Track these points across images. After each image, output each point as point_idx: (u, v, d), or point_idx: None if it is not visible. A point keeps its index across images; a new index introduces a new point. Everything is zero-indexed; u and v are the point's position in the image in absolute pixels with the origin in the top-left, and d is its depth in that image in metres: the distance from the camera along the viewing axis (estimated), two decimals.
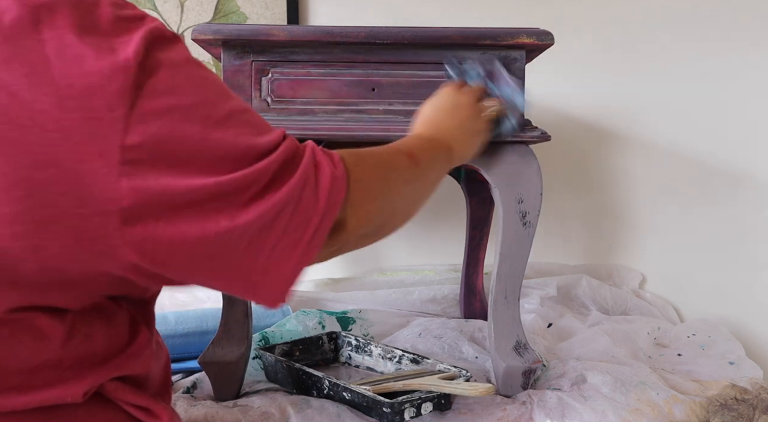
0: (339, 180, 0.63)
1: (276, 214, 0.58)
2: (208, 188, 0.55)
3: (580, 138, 1.71)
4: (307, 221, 0.60)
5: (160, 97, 0.54)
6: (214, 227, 0.56)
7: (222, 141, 0.57)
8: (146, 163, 0.53)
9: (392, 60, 1.06)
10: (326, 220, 0.62)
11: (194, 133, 0.55)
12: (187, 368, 1.17)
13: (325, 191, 0.62)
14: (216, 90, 0.60)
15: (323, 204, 0.61)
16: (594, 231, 1.74)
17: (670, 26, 1.69)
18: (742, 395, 1.13)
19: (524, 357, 1.07)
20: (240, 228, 0.56)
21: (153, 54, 0.55)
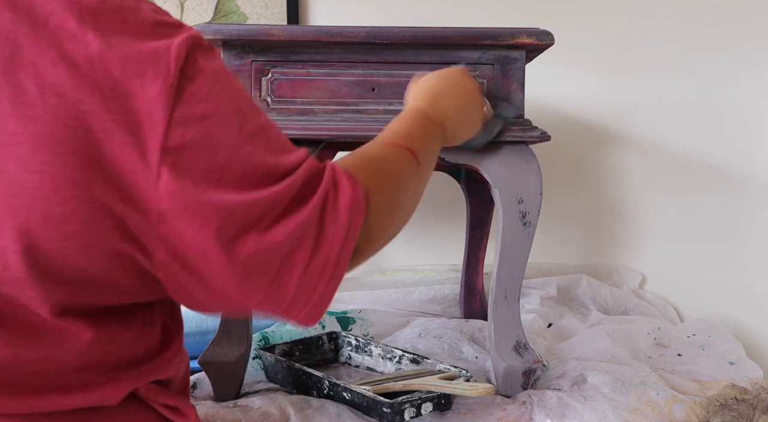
0: (358, 201, 0.63)
1: (301, 236, 0.59)
2: (237, 206, 0.56)
3: (580, 138, 1.71)
4: (332, 240, 0.61)
5: (200, 103, 0.55)
6: (242, 249, 0.56)
7: (252, 155, 0.58)
8: (184, 166, 0.54)
9: (392, 60, 1.06)
10: (350, 239, 0.62)
11: (229, 141, 0.57)
12: None
13: (346, 210, 0.62)
14: (248, 103, 0.61)
15: (345, 223, 0.62)
16: (594, 231, 1.74)
17: (670, 26, 1.69)
18: (742, 395, 1.13)
19: (524, 357, 1.07)
20: (266, 251, 0.57)
21: (194, 60, 0.56)
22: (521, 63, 1.07)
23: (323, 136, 1.04)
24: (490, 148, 1.05)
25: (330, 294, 0.62)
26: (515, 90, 1.07)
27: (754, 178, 1.71)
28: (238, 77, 1.04)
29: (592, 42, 1.69)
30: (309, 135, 1.04)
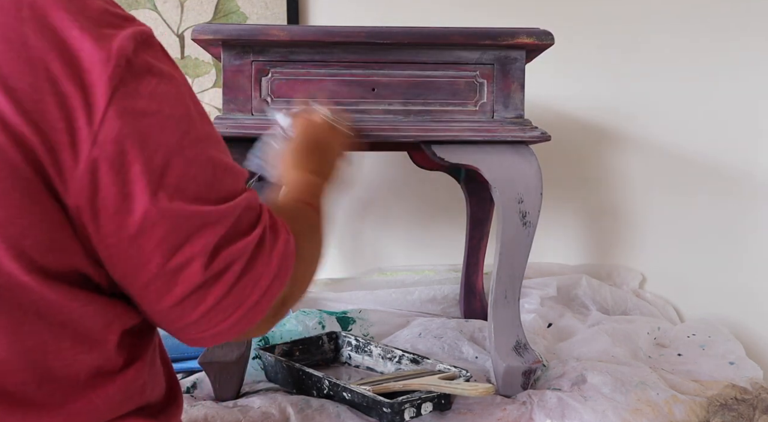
0: (291, 246, 0.62)
1: (226, 267, 0.56)
2: (174, 211, 0.54)
3: (580, 138, 1.71)
4: (255, 283, 0.58)
5: (143, 100, 0.53)
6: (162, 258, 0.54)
7: (197, 160, 0.56)
8: (115, 163, 0.52)
9: (392, 60, 1.06)
10: (276, 285, 0.60)
11: (172, 143, 0.54)
12: (187, 368, 1.17)
13: (279, 255, 0.60)
14: (198, 111, 0.59)
15: (275, 268, 0.59)
16: (594, 231, 1.74)
17: (670, 26, 1.69)
18: (742, 395, 1.13)
19: (524, 357, 1.07)
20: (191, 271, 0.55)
21: (142, 55, 0.54)
22: (521, 63, 1.07)
23: None
24: (489, 148, 1.05)
25: (233, 334, 0.60)
26: (515, 90, 1.07)
27: (754, 178, 1.71)
28: (238, 77, 1.04)
29: (592, 42, 1.69)
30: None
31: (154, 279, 0.55)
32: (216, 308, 0.57)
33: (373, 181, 1.71)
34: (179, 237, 0.54)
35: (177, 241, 0.54)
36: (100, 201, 0.52)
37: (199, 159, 0.56)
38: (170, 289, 0.56)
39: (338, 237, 1.72)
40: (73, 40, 0.51)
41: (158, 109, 0.54)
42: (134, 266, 0.55)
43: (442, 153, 1.06)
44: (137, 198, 0.53)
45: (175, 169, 0.54)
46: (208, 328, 0.59)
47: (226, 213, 0.57)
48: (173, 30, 1.66)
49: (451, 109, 1.06)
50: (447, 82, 1.06)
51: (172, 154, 0.54)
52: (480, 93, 1.07)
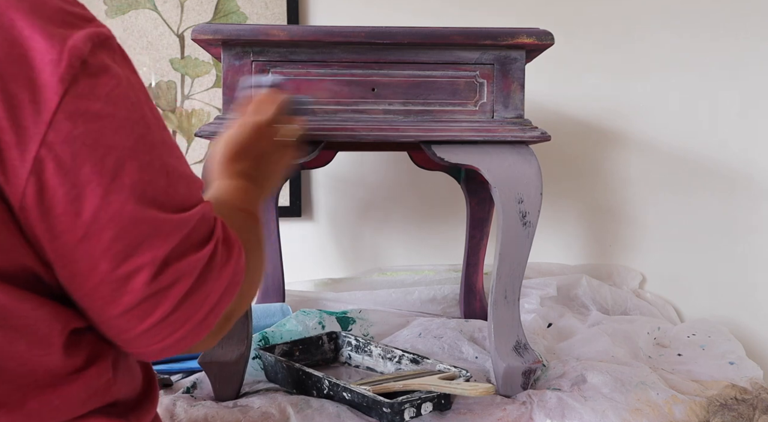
0: (242, 261, 0.61)
1: (175, 281, 0.55)
2: (126, 214, 0.52)
3: (580, 138, 1.71)
4: (205, 298, 0.57)
5: (98, 102, 0.52)
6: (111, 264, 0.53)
7: (151, 165, 0.55)
8: (64, 164, 0.50)
9: (392, 60, 1.06)
10: (224, 299, 0.59)
11: (124, 147, 0.53)
12: (187, 368, 1.17)
13: (231, 270, 0.59)
14: (155, 117, 0.58)
15: (225, 282, 0.58)
16: (594, 231, 1.75)
17: (670, 26, 1.69)
18: (742, 395, 1.13)
19: (524, 357, 1.07)
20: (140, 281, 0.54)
21: (99, 56, 0.53)
22: (521, 63, 1.07)
23: (323, 136, 1.04)
24: (489, 148, 1.05)
25: (181, 348, 0.58)
26: (515, 90, 1.07)
27: (753, 178, 1.71)
28: (238, 77, 1.04)
29: (591, 42, 1.69)
30: (309, 135, 1.04)
31: (99, 285, 0.54)
32: (163, 323, 0.56)
33: (373, 181, 1.71)
34: (129, 243, 0.53)
35: (126, 247, 0.53)
36: (46, 201, 0.51)
37: (154, 164, 0.55)
38: (116, 298, 0.54)
39: (338, 237, 1.72)
40: (25, 38, 0.50)
41: (113, 112, 0.53)
42: (81, 270, 0.53)
43: (442, 153, 1.06)
44: (87, 199, 0.51)
45: (128, 172, 0.53)
46: (154, 342, 0.57)
47: (179, 224, 0.56)
48: (173, 30, 1.66)
49: (451, 109, 1.06)
50: (447, 82, 1.06)
51: (126, 158, 0.53)
52: (480, 93, 1.07)
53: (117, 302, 0.54)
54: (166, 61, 1.66)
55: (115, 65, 0.55)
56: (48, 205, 0.51)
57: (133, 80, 0.57)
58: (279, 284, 1.53)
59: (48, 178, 0.50)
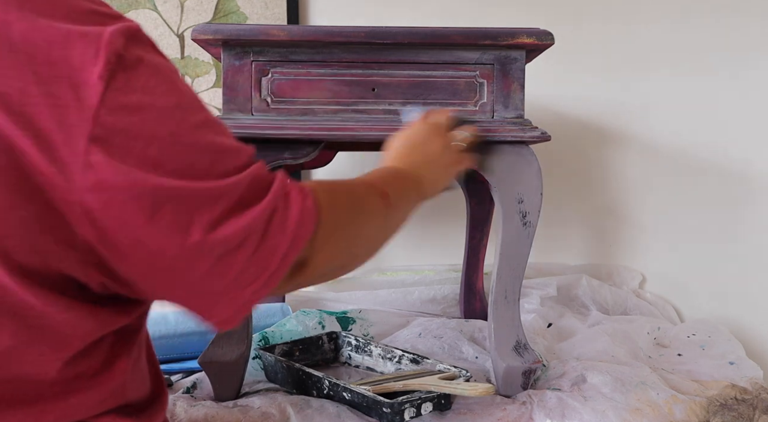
0: (308, 214, 0.62)
1: (244, 238, 0.57)
2: (177, 190, 0.54)
3: (580, 138, 1.71)
4: (273, 251, 0.59)
5: (135, 94, 0.54)
6: (178, 238, 0.54)
7: (193, 146, 0.56)
8: (115, 156, 0.52)
9: (392, 60, 1.06)
10: (291, 253, 0.60)
11: (166, 134, 0.55)
12: (187, 368, 1.17)
13: (293, 223, 0.60)
14: (191, 99, 0.59)
15: (290, 236, 0.60)
16: (594, 231, 1.74)
17: (670, 26, 1.69)
18: (742, 395, 1.13)
19: (524, 357, 1.07)
20: (208, 245, 0.55)
21: (132, 49, 0.55)
22: (521, 63, 1.07)
23: (323, 136, 1.04)
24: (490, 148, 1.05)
25: (256, 299, 0.61)
26: (515, 90, 1.07)
27: (754, 178, 1.71)
28: (238, 77, 1.04)
29: (591, 42, 1.69)
30: (309, 135, 1.04)
31: (176, 258, 0.55)
32: (237, 280, 0.58)
33: None
34: (188, 214, 0.55)
35: (188, 219, 0.55)
36: (107, 190, 0.52)
37: (198, 144, 0.57)
38: (192, 266, 0.56)
39: None
40: (61, 40, 0.52)
41: (151, 102, 0.55)
42: (154, 249, 0.55)
43: None
44: (140, 183, 0.53)
45: (174, 156, 0.55)
46: (230, 304, 0.59)
47: (234, 185, 0.57)
48: (173, 30, 1.66)
49: (451, 109, 1.06)
50: (447, 82, 1.06)
51: (168, 144, 0.55)
52: (480, 93, 1.07)
53: (194, 269, 0.56)
54: None
55: (147, 55, 0.56)
56: (109, 193, 0.52)
57: (165, 67, 0.58)
58: None
59: (103, 169, 0.52)
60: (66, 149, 0.51)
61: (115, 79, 0.53)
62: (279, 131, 1.03)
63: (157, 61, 0.57)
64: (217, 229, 0.56)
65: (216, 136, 0.59)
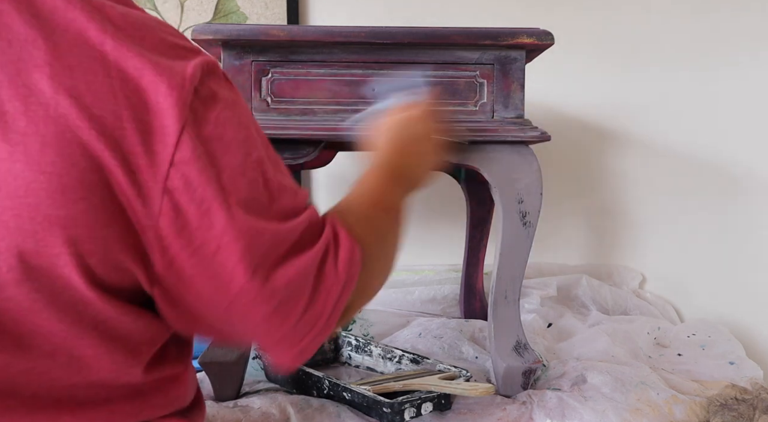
0: (356, 254, 0.64)
1: (303, 281, 0.59)
2: (244, 226, 0.56)
3: (580, 138, 1.71)
4: (328, 294, 0.61)
5: (209, 126, 0.56)
6: (245, 276, 0.56)
7: (257, 181, 0.59)
8: (191, 183, 0.54)
9: (392, 60, 1.06)
10: (345, 293, 0.63)
11: (234, 165, 0.57)
12: None
13: (345, 263, 0.63)
14: (258, 135, 0.62)
15: (343, 278, 0.62)
16: (594, 231, 1.74)
17: (670, 26, 1.69)
18: (742, 395, 1.13)
19: (524, 357, 1.07)
20: (271, 288, 0.57)
21: (208, 84, 0.57)
22: (521, 63, 1.07)
23: (323, 136, 1.04)
24: (489, 148, 1.05)
25: (316, 345, 0.63)
26: (515, 90, 1.07)
27: (754, 178, 1.71)
28: (238, 77, 1.04)
29: (592, 42, 1.69)
30: (309, 135, 1.04)
31: (240, 294, 0.57)
32: (299, 324, 0.60)
33: None
34: (256, 252, 0.57)
35: (255, 257, 0.57)
36: (182, 217, 0.55)
37: (262, 179, 0.59)
38: (254, 307, 0.58)
39: None
40: (151, 70, 0.54)
41: (222, 134, 0.57)
42: (222, 281, 0.57)
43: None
44: (215, 214, 0.55)
45: (241, 188, 0.57)
46: (292, 346, 0.62)
47: (290, 231, 0.60)
48: None
49: (451, 109, 1.06)
50: (447, 82, 1.06)
51: (237, 175, 0.57)
52: (480, 93, 1.07)
53: (256, 311, 0.58)
54: None
55: (220, 89, 0.59)
56: (183, 220, 0.55)
57: (237, 101, 0.61)
58: None
59: (179, 196, 0.54)
60: (148, 173, 0.53)
61: (193, 111, 0.55)
62: (279, 131, 1.03)
63: (230, 96, 0.60)
64: (278, 271, 0.58)
65: (278, 173, 0.62)
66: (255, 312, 0.58)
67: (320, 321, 0.61)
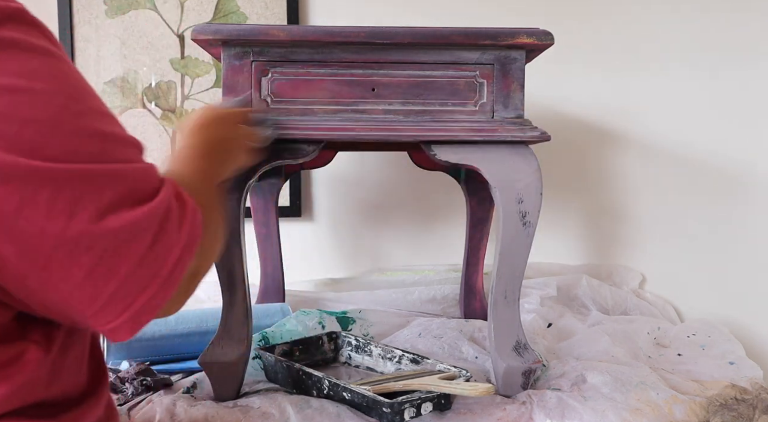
0: (198, 217, 0.60)
1: (135, 233, 0.54)
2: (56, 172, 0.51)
3: (580, 138, 1.71)
4: (168, 252, 0.56)
5: (5, 76, 0.51)
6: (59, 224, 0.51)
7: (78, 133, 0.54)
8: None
9: (392, 60, 1.06)
10: (186, 256, 0.57)
11: (45, 119, 0.52)
12: (187, 368, 1.17)
13: (188, 225, 0.58)
14: (78, 87, 0.57)
15: (185, 238, 0.57)
16: (594, 231, 1.75)
17: (670, 26, 1.69)
18: (742, 395, 1.13)
19: (524, 357, 1.07)
20: (93, 235, 0.52)
21: (4, 31, 0.52)
22: (521, 63, 1.07)
23: (323, 136, 1.04)
24: (489, 148, 1.05)
25: (153, 310, 0.56)
26: (515, 90, 1.07)
27: (754, 177, 1.71)
28: (238, 77, 1.04)
29: (592, 42, 1.69)
30: (309, 135, 1.04)
31: (55, 250, 0.52)
32: (131, 279, 0.54)
33: (373, 181, 1.71)
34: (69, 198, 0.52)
35: (69, 203, 0.52)
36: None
37: (83, 131, 0.54)
38: (75, 259, 0.52)
39: (338, 237, 1.72)
40: None
41: (28, 86, 0.52)
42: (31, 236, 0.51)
43: (441, 153, 1.06)
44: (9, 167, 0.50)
45: (54, 142, 0.52)
46: (126, 305, 0.55)
47: (115, 174, 0.54)
48: (173, 30, 1.66)
49: (451, 109, 1.06)
50: (447, 82, 1.06)
51: (48, 129, 0.52)
52: (480, 93, 1.07)
53: (78, 263, 0.52)
54: (166, 61, 1.66)
55: (27, 37, 0.54)
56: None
57: (51, 51, 0.56)
58: (279, 284, 1.53)
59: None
60: None
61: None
62: (279, 131, 1.03)
63: (41, 44, 0.55)
64: (105, 219, 0.52)
65: (105, 125, 0.57)
66: (77, 263, 0.52)
67: (156, 280, 0.55)
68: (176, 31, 1.66)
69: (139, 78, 1.65)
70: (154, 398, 1.02)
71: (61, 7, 1.63)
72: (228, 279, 1.05)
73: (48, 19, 1.64)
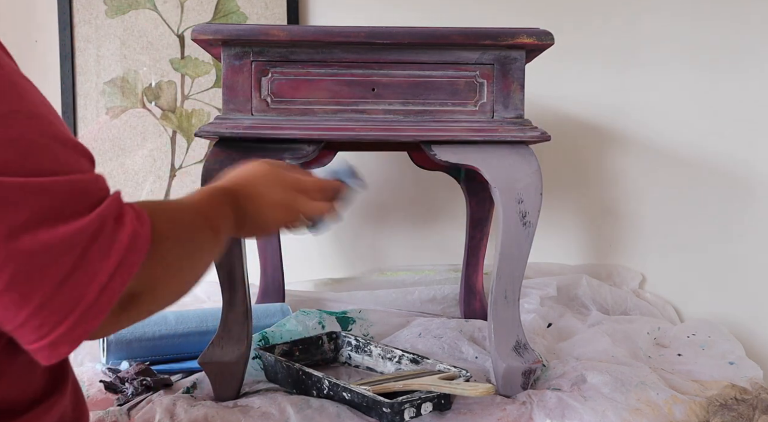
0: (141, 241, 0.54)
1: (55, 257, 0.49)
2: None
3: (580, 138, 1.71)
4: (91, 278, 0.51)
5: None
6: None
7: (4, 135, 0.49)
8: None
9: (392, 60, 1.06)
10: (114, 284, 0.52)
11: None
12: (187, 368, 1.17)
13: (122, 248, 0.52)
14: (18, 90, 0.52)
15: (114, 263, 0.52)
16: (594, 231, 1.74)
17: (670, 26, 1.69)
18: (742, 395, 1.13)
19: (524, 357, 1.07)
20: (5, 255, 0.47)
21: None
22: (521, 63, 1.07)
23: (323, 136, 1.04)
24: (489, 148, 1.05)
25: (77, 337, 0.51)
26: (515, 90, 1.07)
27: (754, 178, 1.71)
28: (238, 77, 1.04)
29: (591, 42, 1.69)
30: (309, 135, 1.04)
31: None
32: (46, 308, 0.49)
33: (373, 181, 1.71)
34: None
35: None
36: None
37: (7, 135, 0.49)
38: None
39: (338, 237, 1.72)
40: None
41: None
42: None
43: (441, 153, 1.06)
44: None
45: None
46: (40, 336, 0.50)
47: (44, 187, 0.50)
48: (173, 30, 1.66)
49: (451, 109, 1.06)
50: (447, 82, 1.06)
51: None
52: (480, 93, 1.07)
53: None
54: (166, 61, 1.66)
55: None
56: None
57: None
58: (279, 284, 1.53)
59: None
60: None
61: None
62: (279, 131, 1.03)
63: None
64: (17, 239, 0.48)
65: (30, 130, 0.51)
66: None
67: (80, 306, 0.50)
68: (176, 31, 1.66)
69: (139, 78, 1.65)
70: (154, 398, 1.02)
71: (61, 7, 1.63)
72: (228, 279, 1.05)
73: (48, 19, 1.64)
